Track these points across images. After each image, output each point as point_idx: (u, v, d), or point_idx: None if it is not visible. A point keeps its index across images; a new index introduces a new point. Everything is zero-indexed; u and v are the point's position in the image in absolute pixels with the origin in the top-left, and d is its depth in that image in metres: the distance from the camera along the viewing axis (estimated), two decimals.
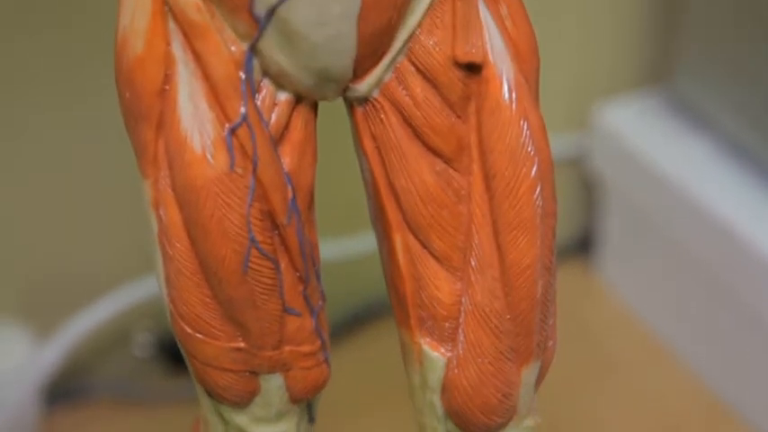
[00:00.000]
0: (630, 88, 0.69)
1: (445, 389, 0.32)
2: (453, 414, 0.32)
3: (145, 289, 0.59)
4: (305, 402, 0.33)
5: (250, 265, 0.30)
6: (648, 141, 0.64)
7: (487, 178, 0.31)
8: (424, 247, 0.32)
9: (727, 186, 0.60)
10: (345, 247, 0.63)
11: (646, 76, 0.69)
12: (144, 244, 0.31)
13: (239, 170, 0.29)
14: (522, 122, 0.30)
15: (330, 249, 0.57)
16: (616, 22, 0.67)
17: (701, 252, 0.61)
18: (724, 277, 0.60)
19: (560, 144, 0.68)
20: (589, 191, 0.72)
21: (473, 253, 0.31)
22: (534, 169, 0.30)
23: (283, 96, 0.30)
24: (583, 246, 0.73)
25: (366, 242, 0.58)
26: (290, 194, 0.30)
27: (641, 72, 0.69)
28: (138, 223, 0.32)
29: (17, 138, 0.54)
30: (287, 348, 0.32)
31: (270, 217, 0.30)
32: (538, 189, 0.31)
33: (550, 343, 0.33)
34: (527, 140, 0.30)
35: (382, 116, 0.30)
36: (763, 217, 0.58)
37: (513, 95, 0.30)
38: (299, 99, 0.30)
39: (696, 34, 0.63)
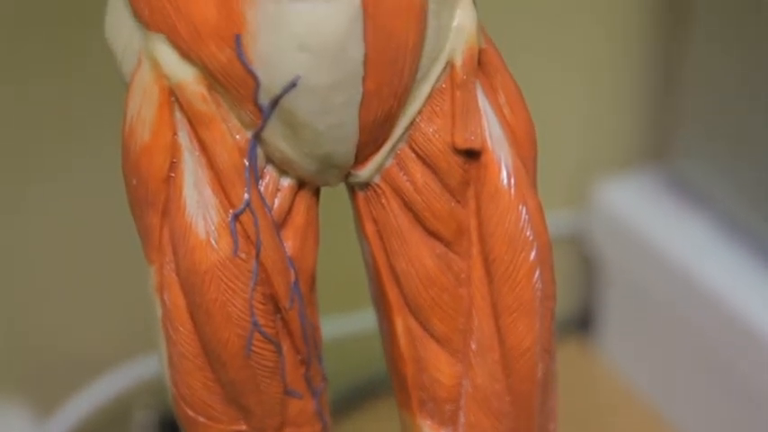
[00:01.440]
0: (630, 166, 0.69)
1: None
2: None
3: (145, 367, 0.59)
4: None
5: (253, 348, 0.30)
6: (648, 219, 0.65)
7: (487, 262, 0.31)
8: (425, 329, 0.32)
9: (727, 264, 0.61)
10: (346, 324, 0.63)
11: (645, 153, 0.70)
12: (144, 324, 0.31)
13: (242, 255, 0.29)
14: (520, 207, 0.31)
15: (331, 327, 0.57)
16: (615, 100, 0.68)
17: (700, 329, 0.62)
18: (724, 354, 0.60)
19: (559, 221, 0.68)
20: (588, 268, 0.72)
21: (473, 336, 0.32)
22: (533, 254, 0.31)
23: (286, 182, 0.30)
24: (582, 323, 0.73)
25: (366, 320, 0.58)
26: (292, 278, 0.31)
27: (640, 150, 0.70)
28: (137, 303, 0.32)
29: (17, 213, 0.55)
30: (288, 430, 0.32)
31: (272, 300, 0.30)
32: (537, 273, 0.31)
33: (552, 425, 0.33)
34: (525, 225, 0.31)
35: (383, 201, 0.31)
36: (763, 295, 0.59)
37: (512, 181, 0.31)
38: (301, 184, 0.30)
39: (695, 113, 0.63)
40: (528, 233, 0.31)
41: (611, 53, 0.66)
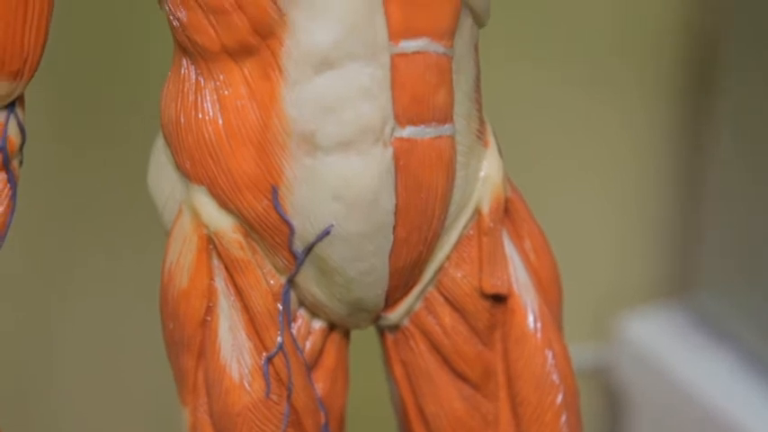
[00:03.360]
0: (655, 299, 0.70)
1: None
2: None
3: None
4: None
5: None
6: (673, 354, 0.65)
7: (514, 404, 0.32)
8: None
9: (752, 401, 0.61)
10: None
11: (670, 287, 0.70)
12: None
13: (274, 397, 0.30)
14: (546, 351, 0.32)
15: None
16: (640, 234, 0.69)
17: None
18: None
19: (584, 354, 0.69)
20: (613, 401, 0.72)
21: None
22: (560, 397, 0.32)
23: (318, 325, 0.31)
24: None
25: None
26: (322, 419, 0.31)
27: (666, 284, 0.70)
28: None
29: (52, 331, 0.55)
30: None
31: None
32: (563, 417, 0.32)
33: None
34: (552, 369, 0.32)
35: (412, 343, 0.32)
36: None
37: (538, 325, 0.32)
38: (332, 327, 0.31)
39: (720, 249, 0.64)
40: (554, 377, 0.31)
41: (637, 191, 0.67)
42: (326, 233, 0.29)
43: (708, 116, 0.63)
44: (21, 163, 0.29)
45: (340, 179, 0.28)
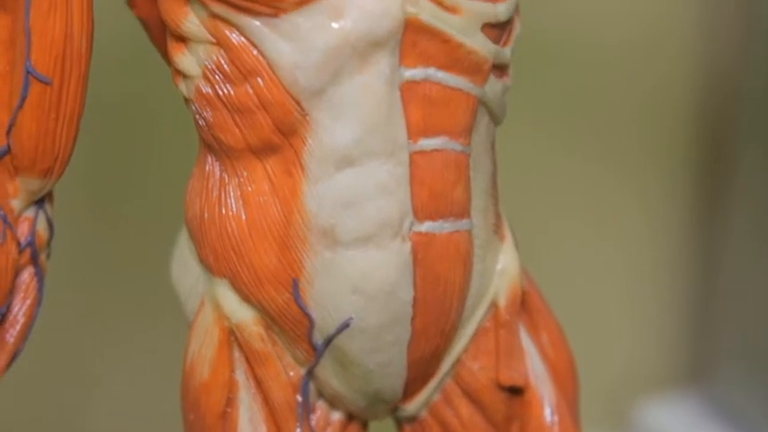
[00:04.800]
0: (670, 386, 0.70)
1: None
2: None
3: None
4: None
5: None
6: None
7: None
8: None
9: None
10: None
11: (686, 375, 0.70)
12: None
13: None
14: None
15: None
16: (656, 318, 0.69)
17: None
18: None
19: None
20: None
21: None
22: None
23: (336, 416, 0.31)
24: None
25: None
26: None
27: (681, 371, 0.70)
28: None
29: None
30: None
31: None
32: None
33: None
34: None
35: None
36: None
37: (555, 418, 0.32)
38: (350, 418, 0.32)
39: (738, 335, 0.64)
40: None
41: (654, 274, 0.68)
42: (346, 325, 0.29)
43: (724, 195, 0.64)
44: (48, 256, 0.30)
45: (359, 272, 0.29)
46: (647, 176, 0.65)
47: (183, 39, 0.28)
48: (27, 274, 0.29)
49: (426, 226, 0.29)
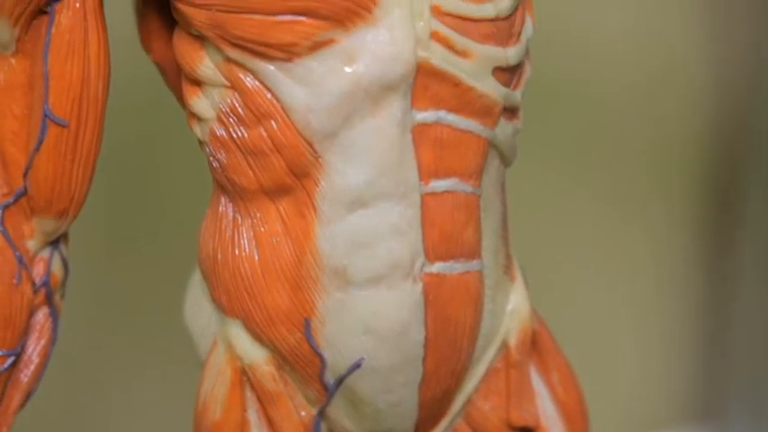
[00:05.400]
0: (681, 425, 0.69)
1: None
2: None
3: None
4: None
5: None
6: None
7: None
8: None
9: None
10: None
11: (695, 413, 0.70)
12: None
13: None
14: None
15: None
16: (664, 356, 0.69)
17: None
18: None
19: None
20: None
21: None
22: None
23: None
24: None
25: None
26: None
27: (691, 409, 0.70)
28: None
29: None
30: None
31: None
32: None
33: None
34: None
35: None
36: None
37: None
38: None
39: (745, 373, 0.64)
40: None
41: (661, 314, 0.68)
42: (357, 366, 0.29)
43: (733, 232, 0.64)
44: (62, 296, 0.30)
45: (371, 313, 0.29)
46: (655, 214, 0.65)
47: (198, 82, 0.29)
48: (42, 314, 0.30)
49: (437, 267, 0.29)
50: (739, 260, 0.63)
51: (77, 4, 0.28)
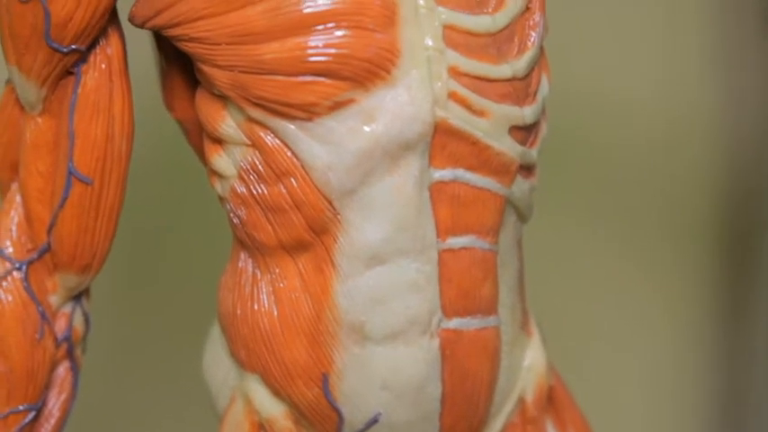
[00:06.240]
0: None
1: None
2: None
3: None
4: None
5: None
6: None
7: None
8: None
9: None
10: None
11: None
12: None
13: None
14: None
15: None
16: (680, 415, 0.68)
17: None
18: None
19: None
20: None
21: None
22: None
23: None
24: None
25: None
26: None
27: None
28: None
29: None
30: None
31: None
32: None
33: None
34: None
35: None
36: None
37: None
38: None
39: (764, 428, 0.63)
40: None
41: (678, 374, 0.67)
42: (375, 421, 0.29)
43: (749, 292, 0.64)
44: (84, 351, 0.30)
45: (388, 368, 0.29)
46: (670, 271, 0.65)
47: (219, 141, 0.29)
48: (63, 369, 0.30)
49: (455, 323, 0.29)
50: (753, 316, 0.63)
51: (103, 66, 0.29)
